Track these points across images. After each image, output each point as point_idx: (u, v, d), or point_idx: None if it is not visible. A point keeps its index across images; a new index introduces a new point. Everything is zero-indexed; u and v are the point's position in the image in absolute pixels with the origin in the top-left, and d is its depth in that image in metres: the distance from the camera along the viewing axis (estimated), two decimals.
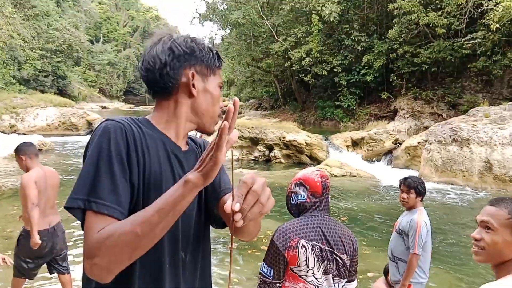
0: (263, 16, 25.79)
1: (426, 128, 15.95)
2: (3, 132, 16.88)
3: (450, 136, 12.53)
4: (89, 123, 21.90)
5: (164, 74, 1.18)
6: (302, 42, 23.73)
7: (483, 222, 1.47)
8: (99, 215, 0.98)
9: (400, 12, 19.34)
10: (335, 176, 12.66)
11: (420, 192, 3.41)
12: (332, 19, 21.12)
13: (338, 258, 1.99)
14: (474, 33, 17.23)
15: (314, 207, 2.08)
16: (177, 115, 1.21)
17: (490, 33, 16.32)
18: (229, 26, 30.38)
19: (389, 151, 15.19)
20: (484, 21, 16.39)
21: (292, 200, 2.12)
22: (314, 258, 1.94)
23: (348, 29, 22.47)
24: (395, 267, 3.42)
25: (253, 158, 15.36)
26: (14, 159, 14.39)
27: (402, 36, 19.87)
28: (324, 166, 13.18)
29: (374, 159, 15.07)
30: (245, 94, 35.98)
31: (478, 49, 17.31)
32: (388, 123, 18.41)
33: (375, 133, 15.70)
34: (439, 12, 18.28)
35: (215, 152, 0.90)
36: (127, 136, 1.08)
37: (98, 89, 53.39)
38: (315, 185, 2.11)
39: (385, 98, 21.52)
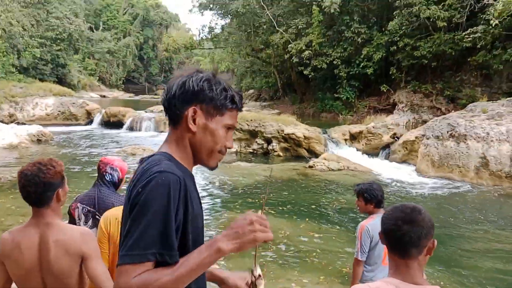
0: (264, 6, 25.61)
1: (425, 121, 15.98)
2: (2, 121, 16.91)
3: (447, 132, 12.58)
4: (89, 113, 21.91)
5: (173, 104, 1.29)
6: (303, 34, 23.62)
7: None
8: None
9: (401, 4, 19.24)
10: (333, 170, 12.73)
11: (367, 199, 3.26)
12: (332, 10, 21.00)
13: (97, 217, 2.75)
14: (475, 27, 17.14)
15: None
16: (183, 145, 1.31)
17: (490, 27, 16.26)
18: (229, 16, 30.20)
19: (387, 145, 15.25)
20: (484, 16, 16.34)
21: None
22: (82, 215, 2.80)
23: (348, 20, 22.35)
24: None
25: (251, 151, 15.43)
26: (13, 149, 14.31)
27: (403, 28, 19.79)
28: (321, 160, 13.25)
29: (372, 153, 15.14)
30: (245, 84, 35.90)
31: (479, 43, 17.24)
32: (387, 116, 18.44)
33: (373, 127, 15.73)
34: (440, 5, 18.19)
35: (259, 235, 1.11)
36: (182, 188, 1.17)
37: (98, 77, 53.20)
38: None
39: (384, 91, 21.49)
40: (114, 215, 2.39)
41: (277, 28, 25.10)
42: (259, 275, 1.17)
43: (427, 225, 1.46)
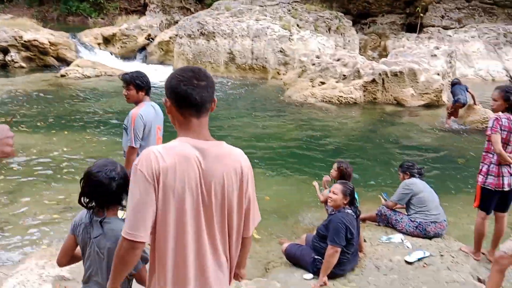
0: None
1: (177, 22, 16.21)
2: None
3: (198, 30, 13.15)
4: None
5: None
6: None
7: None
8: None
9: None
10: (89, 77, 11.89)
11: (140, 85, 3.23)
12: None
13: None
14: None
15: None
16: None
17: None
18: None
19: (143, 47, 15.01)
20: None
21: None
22: None
23: None
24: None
25: None
26: None
27: None
28: (75, 68, 12.14)
29: (129, 56, 14.70)
30: None
31: None
32: (139, 18, 17.83)
33: (126, 29, 15.09)
34: None
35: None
36: None
37: None
38: None
39: None
40: None
41: None
42: None
43: (214, 83, 1.49)
